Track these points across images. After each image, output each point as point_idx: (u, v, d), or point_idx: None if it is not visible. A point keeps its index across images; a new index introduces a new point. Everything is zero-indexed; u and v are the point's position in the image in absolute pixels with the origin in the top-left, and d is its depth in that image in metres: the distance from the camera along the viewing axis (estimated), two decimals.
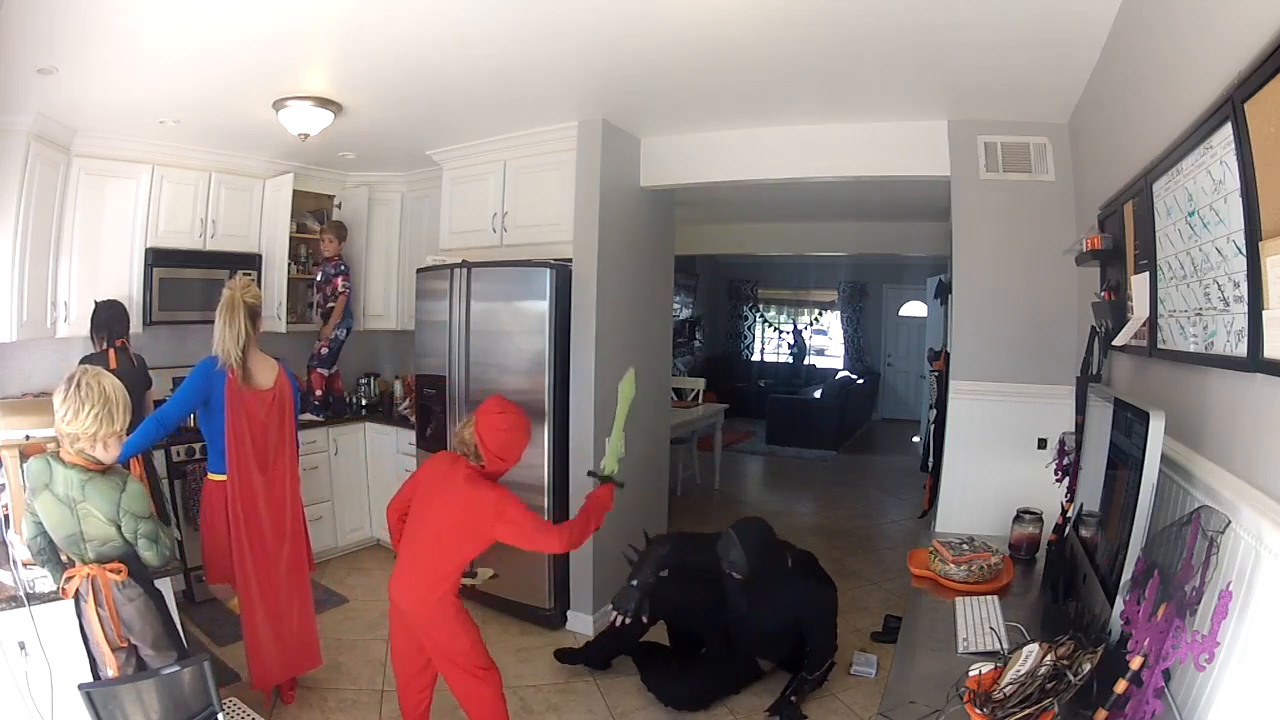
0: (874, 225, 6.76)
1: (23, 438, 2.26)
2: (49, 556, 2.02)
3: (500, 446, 2.30)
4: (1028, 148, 3.11)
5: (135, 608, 2.01)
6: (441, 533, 2.28)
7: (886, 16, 2.26)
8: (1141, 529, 1.39)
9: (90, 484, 1.92)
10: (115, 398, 1.92)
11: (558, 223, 3.65)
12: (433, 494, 2.34)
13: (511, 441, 2.32)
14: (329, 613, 3.70)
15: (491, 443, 2.29)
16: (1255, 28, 1.17)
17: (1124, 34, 2.09)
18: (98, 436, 1.90)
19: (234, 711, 2.64)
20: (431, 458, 2.50)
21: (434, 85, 3.03)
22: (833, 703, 2.98)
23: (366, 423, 4.62)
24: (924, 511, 5.09)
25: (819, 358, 11.78)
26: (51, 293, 3.46)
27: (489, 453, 2.30)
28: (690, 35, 2.45)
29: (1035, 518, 2.40)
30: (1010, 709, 1.25)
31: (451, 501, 2.27)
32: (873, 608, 3.89)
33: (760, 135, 3.59)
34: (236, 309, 2.65)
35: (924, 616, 1.96)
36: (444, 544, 2.28)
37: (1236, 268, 1.25)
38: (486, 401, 2.39)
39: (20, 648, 1.95)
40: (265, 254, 4.28)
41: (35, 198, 3.22)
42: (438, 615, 2.29)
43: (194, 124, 3.50)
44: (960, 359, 3.27)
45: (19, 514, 2.15)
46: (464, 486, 2.27)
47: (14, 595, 1.98)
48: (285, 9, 2.27)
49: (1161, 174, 1.63)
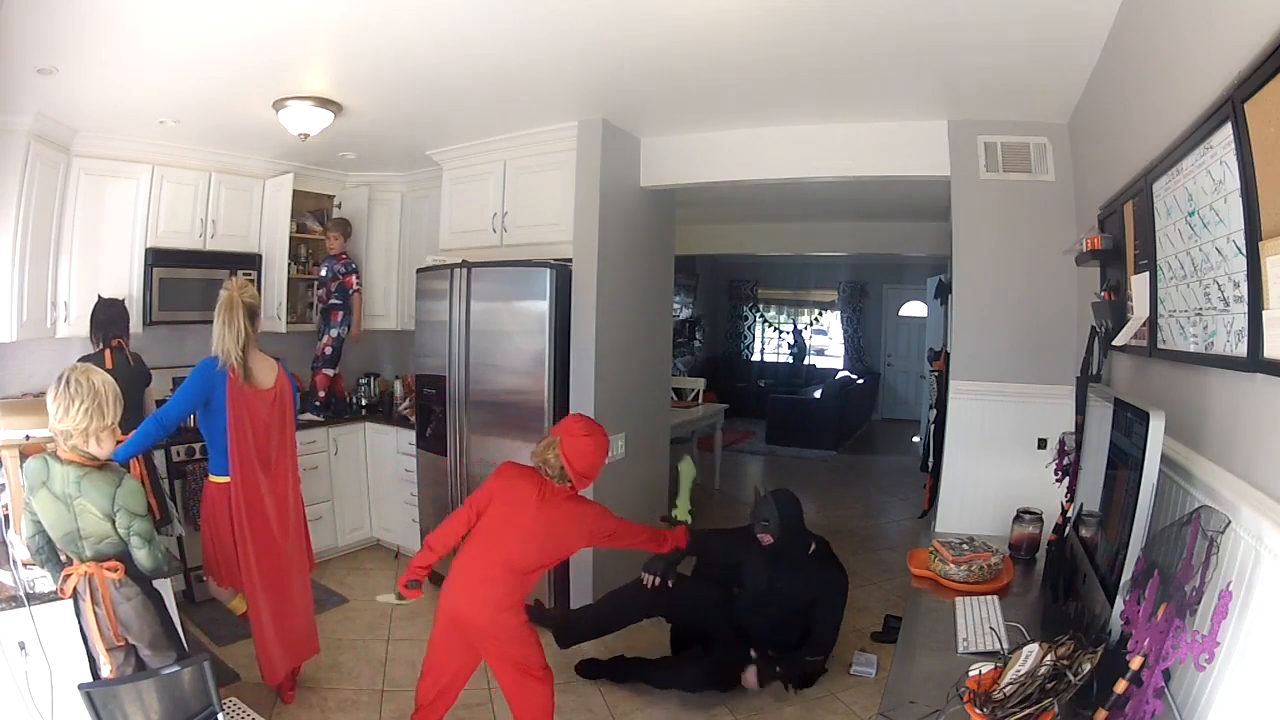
0: (874, 225, 6.76)
1: (22, 438, 2.26)
2: (48, 556, 2.03)
3: (588, 468, 2.36)
4: (1028, 148, 3.11)
5: (133, 607, 2.02)
6: (537, 550, 2.31)
7: (886, 17, 2.26)
8: (1141, 529, 1.39)
9: (86, 479, 1.93)
10: (105, 392, 1.94)
11: (558, 223, 3.65)
12: (520, 512, 2.33)
13: (599, 463, 2.39)
14: (329, 613, 3.70)
15: (580, 465, 2.35)
16: (1255, 28, 1.17)
17: (1124, 34, 2.09)
18: (90, 431, 1.92)
19: (234, 711, 2.64)
20: (502, 472, 2.44)
21: (434, 85, 3.03)
22: (833, 703, 2.98)
23: (366, 423, 4.62)
24: (924, 511, 5.09)
25: (819, 358, 11.78)
26: (51, 293, 3.46)
27: (576, 474, 2.35)
28: (690, 35, 2.45)
29: (1035, 518, 2.40)
30: (1010, 709, 1.25)
31: (548, 521, 2.32)
32: (873, 608, 3.89)
33: (760, 135, 3.59)
34: (235, 309, 2.65)
35: (924, 616, 1.96)
36: (531, 560, 2.31)
37: (1236, 268, 1.25)
38: (569, 422, 2.44)
39: (20, 648, 1.94)
40: (265, 254, 4.28)
41: (35, 198, 3.22)
42: (509, 623, 2.32)
43: (194, 124, 3.50)
44: (960, 359, 3.27)
45: (19, 514, 2.15)
46: (563, 504, 2.34)
47: (14, 595, 1.98)
48: (285, 9, 2.27)
49: (1161, 174, 1.62)
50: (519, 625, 2.35)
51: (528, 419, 3.57)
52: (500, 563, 2.31)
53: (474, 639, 2.35)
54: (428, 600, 3.92)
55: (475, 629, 2.32)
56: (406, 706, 2.89)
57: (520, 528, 2.32)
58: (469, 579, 2.34)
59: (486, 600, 2.30)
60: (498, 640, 2.33)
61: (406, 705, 2.90)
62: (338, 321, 4.51)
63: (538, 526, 2.31)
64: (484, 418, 3.73)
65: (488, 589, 2.30)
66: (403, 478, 4.37)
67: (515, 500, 2.35)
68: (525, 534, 2.31)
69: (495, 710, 2.88)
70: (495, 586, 2.30)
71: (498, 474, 2.45)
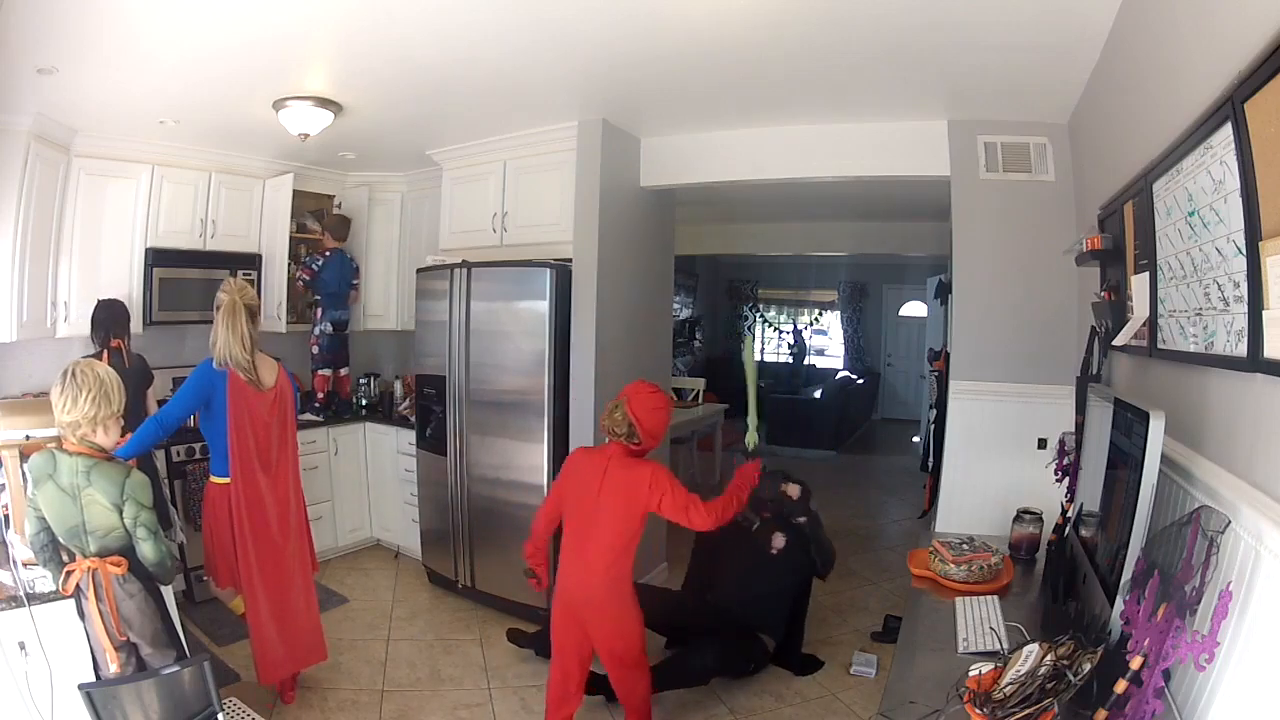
0: (874, 225, 6.76)
1: (23, 438, 2.26)
2: (50, 554, 2.03)
3: (656, 425, 2.45)
4: (1028, 148, 3.11)
5: (135, 604, 2.02)
6: (615, 516, 2.41)
7: (886, 16, 2.26)
8: (1141, 529, 1.39)
9: (95, 469, 1.95)
10: (109, 381, 1.99)
11: (558, 223, 3.65)
12: (591, 487, 2.45)
13: (667, 419, 2.48)
14: (329, 613, 3.69)
15: (648, 422, 2.43)
16: (1255, 27, 1.17)
17: (1124, 34, 2.09)
18: (97, 420, 1.95)
19: (234, 711, 2.64)
20: (571, 460, 2.60)
21: (434, 85, 3.03)
22: (833, 703, 2.98)
23: (366, 423, 4.62)
24: (924, 511, 5.09)
25: (819, 358, 11.76)
26: (51, 293, 3.46)
27: (645, 432, 2.44)
28: (691, 36, 2.45)
29: (1035, 518, 2.39)
30: (1010, 709, 1.25)
31: (615, 486, 2.41)
32: (873, 608, 3.89)
33: (760, 135, 3.59)
34: (237, 313, 2.64)
35: (924, 616, 1.96)
36: (616, 526, 2.41)
37: (1236, 268, 1.25)
38: (635, 384, 2.53)
39: (20, 648, 1.95)
40: (265, 254, 4.28)
41: (35, 198, 3.21)
42: (617, 594, 2.44)
43: (194, 124, 3.50)
44: (960, 359, 3.27)
45: (19, 514, 2.15)
46: (622, 468, 2.42)
47: (14, 595, 1.98)
48: (285, 9, 2.27)
49: (1161, 174, 1.62)
50: (627, 593, 2.47)
51: (528, 419, 3.57)
52: (596, 532, 2.42)
53: (586, 618, 2.45)
54: (427, 600, 3.94)
55: (587, 605, 2.44)
56: (407, 706, 2.90)
57: (599, 500, 2.42)
58: (571, 558, 2.47)
59: (592, 569, 2.42)
60: (607, 613, 2.44)
61: (407, 705, 2.91)
62: (319, 318, 4.51)
63: (612, 492, 2.41)
64: (484, 418, 3.73)
65: (591, 560, 2.42)
66: (403, 478, 4.37)
67: (587, 477, 2.47)
68: (604, 505, 2.42)
69: (495, 710, 2.88)
70: (598, 556, 2.41)
71: (567, 461, 2.59)
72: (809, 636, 3.39)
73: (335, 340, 4.58)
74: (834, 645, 3.45)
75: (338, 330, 4.58)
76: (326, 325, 4.52)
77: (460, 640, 3.48)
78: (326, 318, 4.52)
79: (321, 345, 4.53)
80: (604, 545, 2.42)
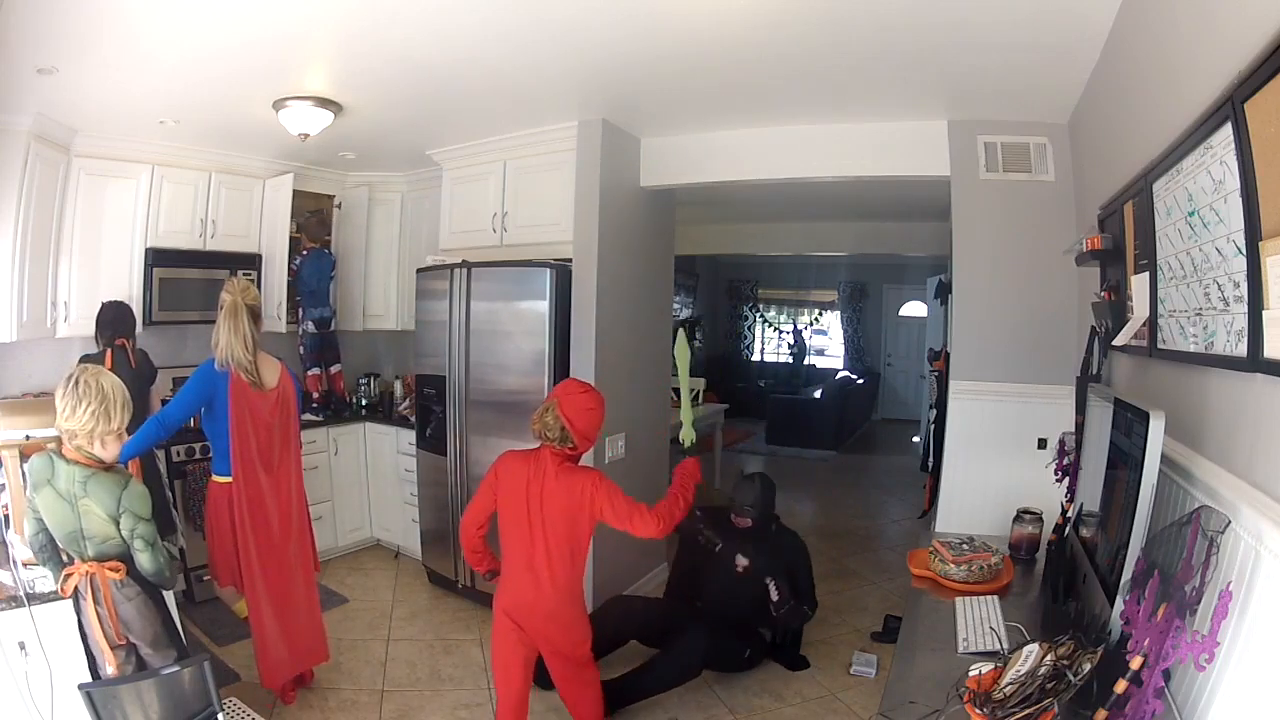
0: (874, 225, 6.75)
1: (23, 438, 2.26)
2: (50, 555, 2.02)
3: (589, 426, 2.32)
4: (1028, 148, 3.11)
5: (134, 606, 2.01)
6: (559, 530, 2.30)
7: (886, 17, 2.26)
8: (1141, 529, 1.39)
9: (93, 480, 1.93)
10: (113, 396, 1.93)
11: (558, 223, 3.65)
12: (527, 496, 2.32)
13: (598, 421, 2.35)
14: (329, 613, 3.67)
15: (581, 423, 2.30)
16: (1255, 27, 1.17)
17: (1124, 34, 2.09)
18: (95, 434, 1.91)
19: (234, 711, 2.64)
20: (500, 463, 2.42)
21: (434, 85, 3.03)
22: (833, 702, 2.98)
23: (366, 423, 4.62)
24: (924, 511, 5.09)
25: (819, 358, 11.77)
26: (51, 293, 3.46)
27: (578, 434, 2.31)
28: (691, 36, 2.45)
29: (1035, 518, 2.40)
30: (1010, 709, 1.25)
31: (552, 496, 2.29)
32: (873, 608, 3.89)
33: (760, 135, 3.58)
34: (240, 314, 2.64)
35: (924, 616, 1.96)
36: (561, 538, 2.30)
37: (1236, 268, 1.25)
38: (564, 384, 2.43)
39: (20, 648, 1.94)
40: (265, 254, 4.28)
41: (35, 198, 3.21)
42: (569, 601, 2.36)
43: (194, 124, 3.50)
44: (960, 359, 3.27)
45: (19, 514, 2.15)
46: (559, 477, 2.30)
47: (14, 595, 1.98)
48: (285, 9, 2.26)
49: (1161, 174, 1.62)
50: (578, 602, 2.39)
51: (528, 419, 3.54)
52: (540, 546, 2.31)
53: (533, 627, 2.37)
54: (427, 600, 3.95)
55: (538, 616, 2.35)
56: (407, 706, 2.90)
57: (542, 514, 2.31)
58: (515, 573, 2.36)
59: (541, 584, 2.32)
60: (559, 621, 2.36)
61: (407, 705, 2.91)
62: (300, 318, 4.51)
63: (550, 501, 2.30)
64: (484, 418, 3.73)
65: (541, 574, 2.32)
66: (402, 478, 4.37)
67: (518, 484, 2.34)
68: (548, 518, 2.31)
69: (494, 710, 2.87)
70: (548, 571, 2.31)
71: (496, 465, 2.43)
72: (808, 636, 3.40)
73: (319, 339, 4.56)
74: (834, 645, 3.46)
75: (320, 328, 4.55)
76: (308, 324, 4.51)
77: (460, 640, 3.48)
78: (308, 316, 4.50)
79: (306, 345, 4.52)
80: (553, 558, 2.31)
